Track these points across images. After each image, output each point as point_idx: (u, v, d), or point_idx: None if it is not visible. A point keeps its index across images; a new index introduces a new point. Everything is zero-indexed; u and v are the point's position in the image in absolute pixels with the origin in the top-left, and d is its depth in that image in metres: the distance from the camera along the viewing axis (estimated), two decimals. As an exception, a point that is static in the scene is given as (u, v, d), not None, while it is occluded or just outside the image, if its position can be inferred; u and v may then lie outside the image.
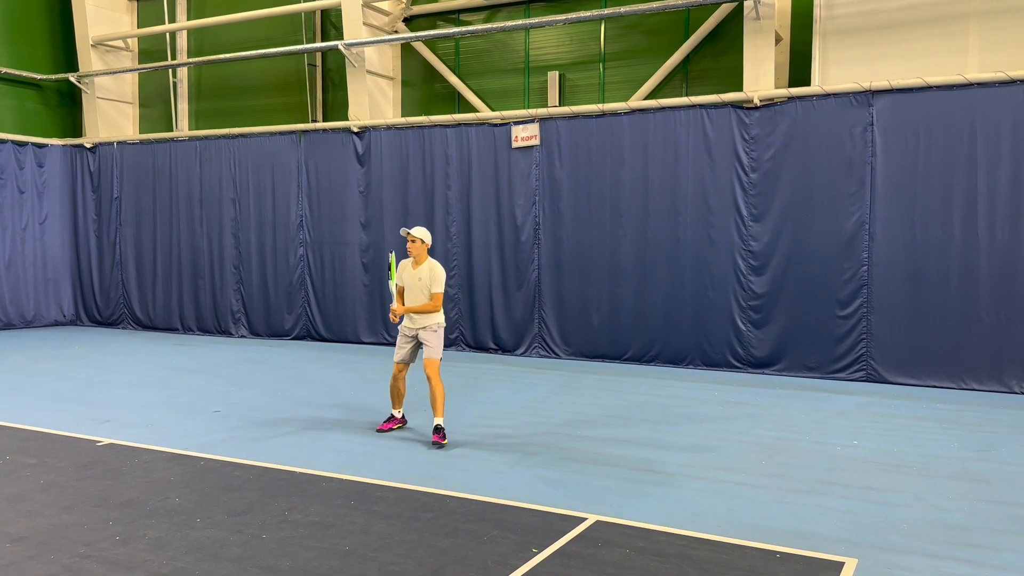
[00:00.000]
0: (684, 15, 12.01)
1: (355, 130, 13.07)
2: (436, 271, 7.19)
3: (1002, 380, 9.39)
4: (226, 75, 15.57)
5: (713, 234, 10.73)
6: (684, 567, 4.42)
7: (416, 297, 7.22)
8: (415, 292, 7.21)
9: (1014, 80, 9.21)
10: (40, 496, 5.62)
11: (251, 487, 5.81)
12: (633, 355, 11.32)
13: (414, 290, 7.22)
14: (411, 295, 7.25)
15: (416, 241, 7.21)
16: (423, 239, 7.24)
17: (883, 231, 9.86)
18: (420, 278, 7.19)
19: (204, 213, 14.49)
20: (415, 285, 7.21)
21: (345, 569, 4.39)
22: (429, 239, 7.31)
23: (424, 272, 7.19)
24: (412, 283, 7.23)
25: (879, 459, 6.64)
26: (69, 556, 4.57)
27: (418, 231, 7.26)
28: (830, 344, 10.17)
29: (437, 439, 7.00)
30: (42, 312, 15.67)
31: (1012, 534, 5.00)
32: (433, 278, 7.15)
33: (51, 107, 16.29)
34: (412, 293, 7.24)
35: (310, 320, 13.62)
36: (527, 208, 11.92)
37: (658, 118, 11.01)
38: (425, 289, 7.16)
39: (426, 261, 7.25)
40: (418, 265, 7.25)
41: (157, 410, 8.44)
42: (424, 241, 7.24)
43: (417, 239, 7.21)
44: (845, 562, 4.51)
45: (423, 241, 7.23)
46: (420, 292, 7.19)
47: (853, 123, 9.95)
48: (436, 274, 7.17)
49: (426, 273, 7.18)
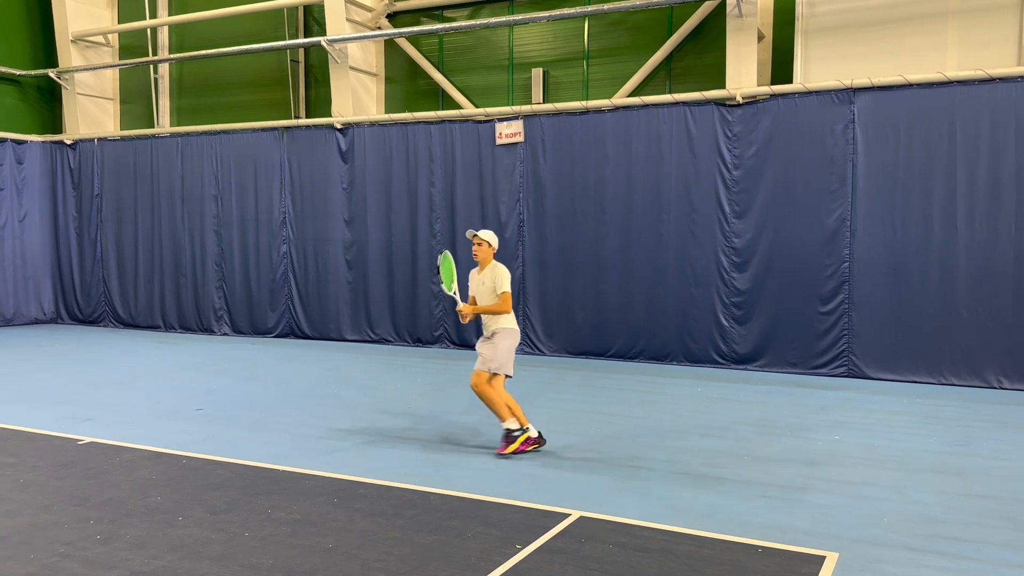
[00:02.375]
0: (667, 12, 12.04)
1: (338, 127, 13.02)
2: (499, 271, 6.67)
3: (981, 375, 9.49)
4: (208, 71, 15.47)
5: (696, 231, 10.77)
6: (667, 562, 4.44)
7: (486, 303, 6.73)
8: (483, 298, 6.76)
9: (993, 78, 9.30)
10: (19, 495, 5.57)
11: (233, 485, 5.78)
12: (617, 352, 11.35)
13: (482, 296, 6.77)
14: (481, 302, 6.78)
15: (483, 244, 6.71)
16: (490, 242, 6.73)
17: (864, 227, 9.94)
18: (484, 283, 6.73)
19: (186, 210, 14.39)
20: (481, 291, 6.76)
21: (328, 566, 4.38)
22: (496, 242, 6.81)
23: (488, 276, 6.71)
24: (479, 290, 6.78)
25: (860, 454, 6.69)
26: (49, 555, 4.53)
27: (485, 233, 6.77)
28: (812, 340, 10.25)
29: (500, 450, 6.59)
30: (22, 310, 15.52)
31: (989, 527, 5.05)
32: (497, 278, 6.63)
33: (31, 103, 16.12)
34: (481, 300, 6.78)
35: (293, 318, 13.56)
36: (511, 205, 11.92)
37: (641, 115, 11.04)
38: (491, 293, 6.68)
39: (491, 264, 6.74)
40: (483, 269, 6.77)
41: (138, 408, 8.38)
42: (491, 244, 6.74)
43: (484, 241, 6.72)
44: (826, 556, 4.55)
45: (490, 244, 6.73)
46: (488, 298, 6.71)
47: (834, 120, 10.02)
48: (499, 273, 6.64)
49: (489, 276, 6.69)
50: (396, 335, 12.83)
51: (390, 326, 12.83)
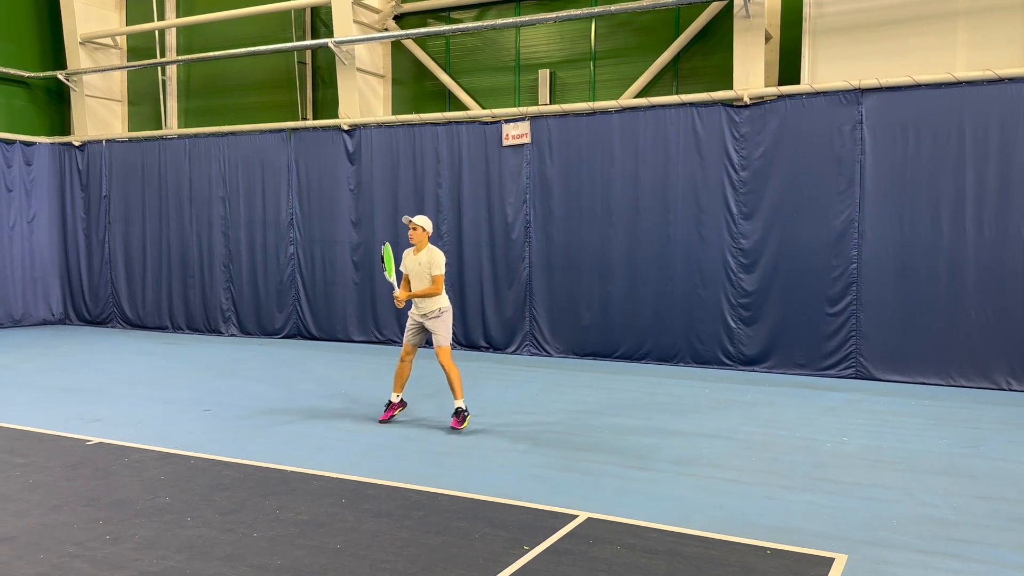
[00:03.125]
0: (674, 13, 12.03)
1: (345, 128, 13.04)
2: (435, 255, 7.46)
3: (990, 376, 9.45)
4: (216, 73, 15.51)
5: (703, 232, 10.76)
6: (675, 563, 4.44)
7: (419, 283, 7.52)
8: (417, 278, 7.53)
9: (1002, 78, 9.27)
10: (29, 495, 5.59)
11: (241, 486, 5.80)
12: (624, 353, 11.34)
13: (416, 276, 7.53)
14: (415, 282, 7.57)
15: (417, 228, 7.50)
16: (424, 226, 7.52)
17: (872, 229, 9.91)
18: (420, 263, 7.48)
19: (194, 211, 14.44)
20: (417, 271, 7.52)
21: (336, 567, 4.39)
22: (430, 226, 7.58)
23: (423, 257, 7.47)
24: (414, 269, 7.54)
25: (868, 455, 6.68)
26: (58, 556, 4.55)
27: (419, 219, 7.56)
28: (819, 341, 10.22)
29: (455, 423, 7.41)
30: (31, 311, 15.58)
31: (998, 529, 5.03)
32: (432, 262, 7.42)
33: (39, 105, 16.19)
34: (415, 280, 7.56)
35: (300, 319, 13.59)
36: (518, 206, 11.92)
37: (648, 116, 11.03)
38: (426, 274, 7.45)
39: (426, 247, 7.54)
40: (419, 251, 7.54)
41: (147, 409, 8.40)
42: (425, 228, 7.52)
43: (418, 226, 7.50)
44: (835, 558, 4.54)
45: (424, 228, 7.51)
46: (422, 278, 7.49)
47: (842, 121, 9.99)
48: (435, 257, 7.44)
49: (425, 258, 7.46)
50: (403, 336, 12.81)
51: (397, 327, 12.84)
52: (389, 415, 7.81)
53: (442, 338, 7.53)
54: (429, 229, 7.56)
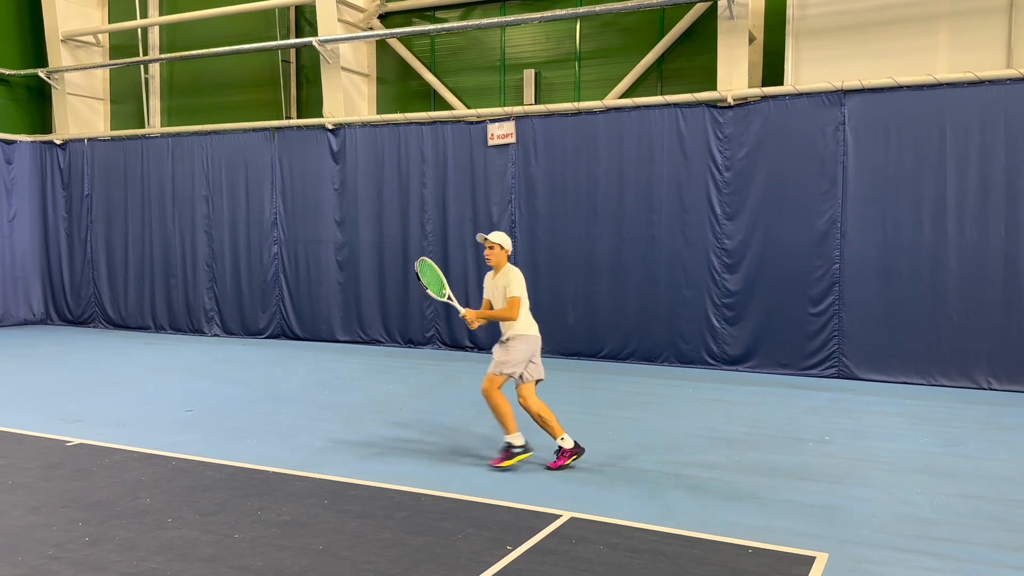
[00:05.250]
0: (659, 14, 12.06)
1: (330, 127, 12.99)
2: (512, 274, 6.39)
3: (970, 376, 9.54)
4: (199, 71, 15.41)
5: (688, 232, 10.79)
6: (657, 562, 4.45)
7: (501, 307, 6.48)
8: (498, 303, 6.50)
9: (982, 80, 9.35)
10: (7, 497, 5.53)
11: (223, 487, 5.76)
12: (608, 353, 11.36)
13: (497, 301, 6.51)
14: (497, 306, 6.53)
15: (494, 247, 6.44)
16: (502, 244, 6.45)
17: (854, 229, 9.97)
18: (498, 287, 6.46)
19: (176, 211, 14.34)
20: (496, 296, 6.49)
21: (318, 568, 4.37)
22: (509, 244, 6.52)
23: (501, 280, 6.43)
24: (494, 295, 6.51)
25: (850, 454, 6.71)
26: (37, 558, 4.50)
27: (496, 235, 6.48)
28: (802, 341, 10.27)
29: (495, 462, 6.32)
30: (11, 311, 15.43)
31: (978, 527, 5.07)
32: (510, 282, 6.35)
33: (20, 103, 16.03)
34: (496, 304, 6.53)
35: (284, 319, 13.52)
36: (503, 206, 11.92)
37: (633, 117, 11.05)
38: (504, 297, 6.40)
39: (505, 267, 6.47)
40: (498, 273, 6.49)
41: (128, 410, 8.34)
42: (503, 247, 6.45)
43: (495, 244, 6.44)
44: (816, 556, 4.56)
45: (502, 247, 6.45)
46: (502, 302, 6.45)
47: (825, 122, 10.05)
48: (512, 277, 6.36)
49: (503, 280, 6.42)
50: (387, 336, 12.81)
51: (381, 327, 12.81)
52: (561, 463, 6.32)
53: (498, 364, 6.38)
54: (508, 247, 6.46)
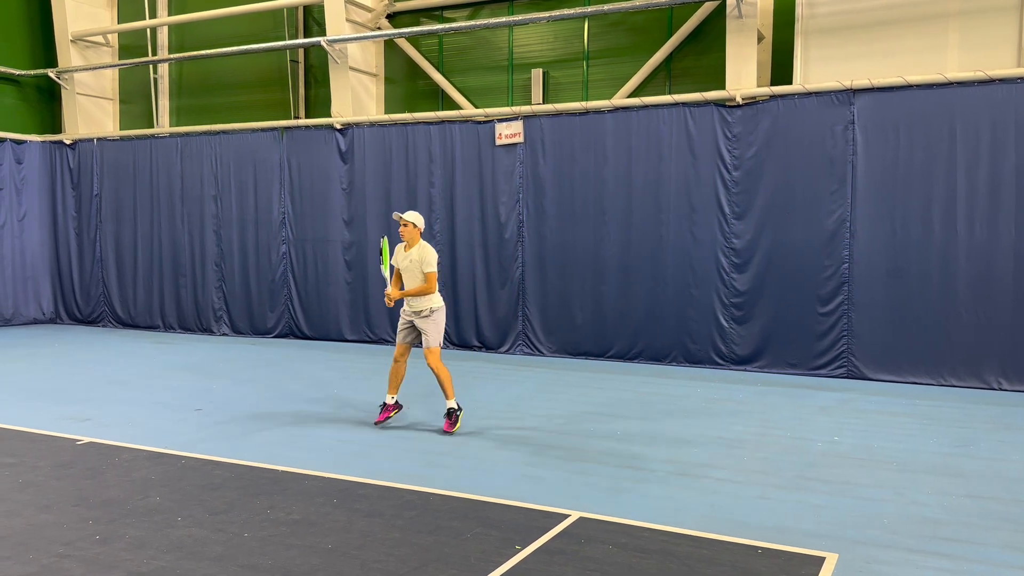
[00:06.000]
0: (667, 13, 12.04)
1: (338, 127, 13.01)
2: (426, 251, 7.27)
3: (980, 376, 9.49)
4: (208, 71, 15.46)
5: (696, 232, 10.77)
6: (666, 563, 4.44)
7: (411, 281, 7.32)
8: (409, 276, 7.33)
9: (992, 79, 9.30)
10: (18, 495, 5.56)
11: (232, 485, 5.78)
12: (616, 352, 11.35)
13: (408, 274, 7.33)
14: (407, 280, 7.36)
15: (408, 225, 7.31)
16: (415, 223, 7.33)
17: (864, 229, 9.94)
18: (411, 260, 7.28)
19: (185, 210, 14.39)
20: (408, 268, 7.32)
21: (327, 567, 4.38)
22: (421, 223, 7.40)
23: (415, 254, 7.28)
24: (405, 266, 7.34)
25: (859, 455, 6.69)
26: (48, 556, 4.53)
27: (410, 215, 7.37)
28: (811, 341, 10.24)
29: (447, 426, 7.31)
30: (21, 310, 15.50)
31: (989, 528, 5.05)
32: (423, 259, 7.23)
33: (30, 103, 16.11)
34: (407, 277, 7.35)
35: (292, 318, 13.55)
36: (511, 206, 11.91)
37: (641, 116, 11.03)
38: (418, 271, 7.26)
39: (418, 244, 7.33)
40: (410, 248, 7.34)
41: (138, 408, 8.37)
42: (416, 225, 7.33)
43: (409, 223, 7.31)
44: (825, 557, 4.55)
45: (415, 225, 7.32)
46: (414, 275, 7.29)
47: (834, 121, 10.02)
48: (426, 254, 7.24)
49: (417, 255, 7.27)
50: (395, 335, 12.79)
51: (389, 326, 12.82)
52: (384, 417, 7.58)
53: (432, 339, 7.29)
54: (421, 225, 7.37)
